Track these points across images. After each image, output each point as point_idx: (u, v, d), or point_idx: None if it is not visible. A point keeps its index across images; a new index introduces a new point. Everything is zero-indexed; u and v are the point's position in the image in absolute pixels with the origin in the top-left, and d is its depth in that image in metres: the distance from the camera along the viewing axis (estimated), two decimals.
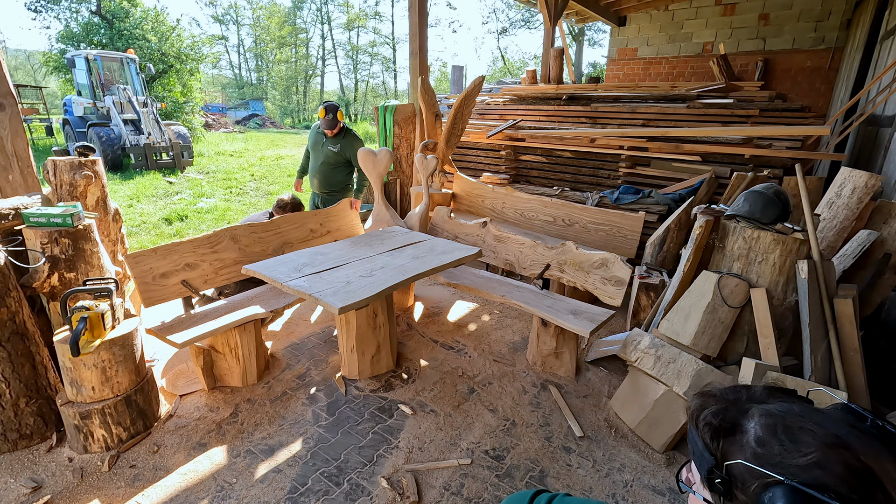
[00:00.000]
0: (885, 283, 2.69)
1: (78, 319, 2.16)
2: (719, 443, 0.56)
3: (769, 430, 0.52)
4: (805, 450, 0.49)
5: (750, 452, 0.52)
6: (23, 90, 17.06)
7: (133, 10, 16.71)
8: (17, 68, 34.65)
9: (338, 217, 3.99)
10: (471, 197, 4.89)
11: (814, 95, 7.89)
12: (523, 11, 28.03)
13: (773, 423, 0.52)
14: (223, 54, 34.75)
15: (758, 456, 0.51)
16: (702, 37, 8.75)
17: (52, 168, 2.85)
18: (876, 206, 2.85)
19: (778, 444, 0.50)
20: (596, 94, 5.42)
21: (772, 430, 0.52)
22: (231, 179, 9.62)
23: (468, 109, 4.76)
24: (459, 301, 4.18)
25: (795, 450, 0.49)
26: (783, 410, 0.54)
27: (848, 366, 2.29)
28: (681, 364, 2.38)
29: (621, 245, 3.92)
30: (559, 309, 2.99)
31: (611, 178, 4.73)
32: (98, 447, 2.30)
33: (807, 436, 0.50)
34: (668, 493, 2.17)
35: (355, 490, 2.13)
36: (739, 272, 2.46)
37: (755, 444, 0.52)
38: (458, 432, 2.52)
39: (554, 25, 7.39)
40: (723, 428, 0.56)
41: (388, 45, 34.71)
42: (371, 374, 2.99)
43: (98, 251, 2.63)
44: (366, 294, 2.29)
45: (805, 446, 0.49)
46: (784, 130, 3.94)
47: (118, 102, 11.28)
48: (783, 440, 0.50)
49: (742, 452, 0.53)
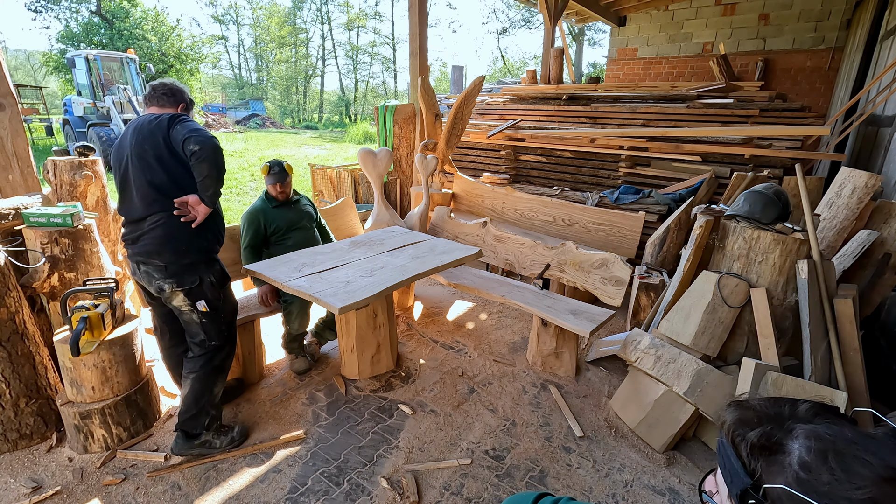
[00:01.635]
0: (885, 283, 2.69)
1: (78, 319, 2.15)
2: (758, 462, 0.52)
3: (818, 456, 0.48)
4: (859, 482, 0.45)
5: (792, 477, 0.48)
6: (23, 90, 17.05)
7: (133, 10, 16.73)
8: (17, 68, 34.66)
9: (338, 217, 3.99)
10: (471, 197, 4.89)
11: (814, 95, 7.89)
12: (523, 11, 28.04)
13: (822, 448, 0.48)
14: (223, 54, 34.80)
15: (801, 482, 0.47)
16: (702, 37, 8.75)
17: (52, 168, 2.85)
18: (876, 206, 2.85)
19: (828, 473, 0.46)
20: (596, 94, 5.42)
21: (821, 456, 0.47)
22: (231, 179, 9.61)
23: (468, 109, 4.76)
24: (459, 301, 4.18)
25: (847, 481, 0.45)
26: (833, 434, 0.49)
27: (848, 366, 2.29)
28: (681, 364, 2.38)
29: (621, 245, 3.92)
30: (559, 309, 2.99)
31: (611, 178, 4.73)
32: (98, 447, 2.30)
33: (861, 466, 0.45)
34: (668, 493, 2.17)
35: (355, 490, 2.13)
36: (739, 272, 2.46)
37: (799, 469, 0.48)
38: (458, 432, 2.52)
39: (554, 25, 7.39)
40: (763, 447, 0.52)
41: (388, 45, 34.73)
42: (371, 374, 2.99)
43: (98, 251, 2.63)
44: (366, 294, 2.29)
45: (859, 479, 0.45)
46: (784, 130, 3.94)
47: (118, 102, 11.29)
48: (833, 468, 0.46)
49: (783, 476, 0.49)
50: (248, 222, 2.96)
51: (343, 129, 24.79)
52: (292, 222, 3.06)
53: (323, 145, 16.72)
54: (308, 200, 3.26)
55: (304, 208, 3.18)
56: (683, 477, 2.26)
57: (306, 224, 3.16)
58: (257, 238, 2.99)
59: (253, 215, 2.96)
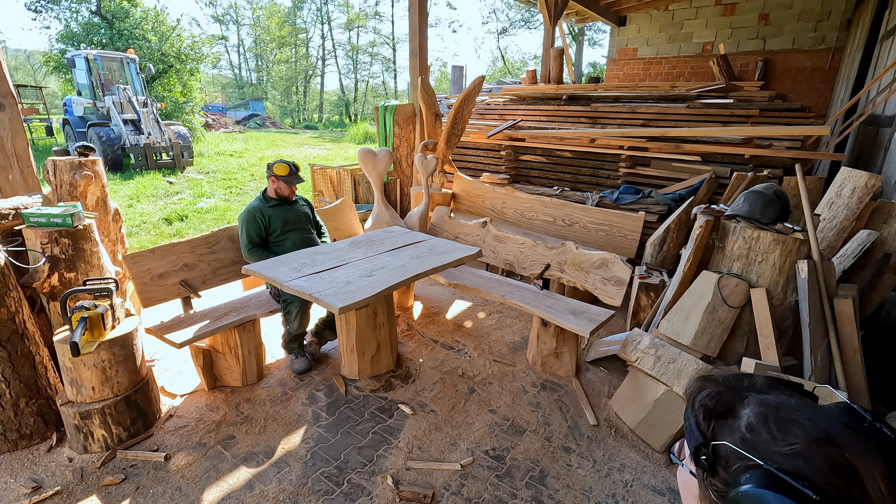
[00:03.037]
0: (885, 283, 2.69)
1: (78, 319, 2.16)
2: (711, 424, 0.58)
3: (760, 419, 0.54)
4: (791, 440, 0.50)
5: (738, 437, 0.54)
6: (23, 90, 17.06)
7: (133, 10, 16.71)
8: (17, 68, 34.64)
9: (337, 217, 3.99)
10: (471, 197, 4.89)
11: (814, 95, 7.89)
12: (523, 11, 28.03)
13: (765, 413, 0.54)
14: (223, 54, 34.76)
15: (745, 440, 0.53)
16: (702, 37, 8.75)
17: (52, 168, 2.85)
18: (876, 206, 2.85)
19: (766, 433, 0.52)
20: (596, 94, 5.42)
21: (763, 419, 0.54)
22: (231, 179, 9.62)
23: (468, 109, 4.76)
24: (459, 301, 4.18)
25: (782, 439, 0.51)
26: (779, 402, 0.55)
27: (848, 366, 2.29)
28: (681, 364, 2.38)
29: (621, 245, 3.92)
30: (559, 309, 2.99)
31: (611, 178, 4.73)
32: (98, 447, 2.30)
33: (796, 428, 0.51)
34: (668, 493, 2.17)
35: (355, 490, 2.13)
36: (739, 272, 2.46)
37: (745, 430, 0.54)
38: (458, 432, 2.52)
39: (554, 25, 7.39)
40: (716, 411, 0.59)
41: (388, 45, 34.72)
42: (371, 374, 2.99)
43: (98, 251, 2.63)
44: (366, 294, 2.29)
45: (792, 437, 0.51)
46: (784, 130, 3.94)
47: (118, 102, 11.29)
48: (772, 429, 0.52)
49: (731, 436, 0.55)
50: (248, 221, 2.96)
51: (343, 129, 24.79)
52: (290, 223, 3.07)
53: (323, 145, 16.73)
54: (305, 201, 3.27)
55: (302, 209, 3.18)
56: None
57: (304, 225, 3.16)
58: (259, 237, 2.99)
59: (252, 214, 2.97)
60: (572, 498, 2.13)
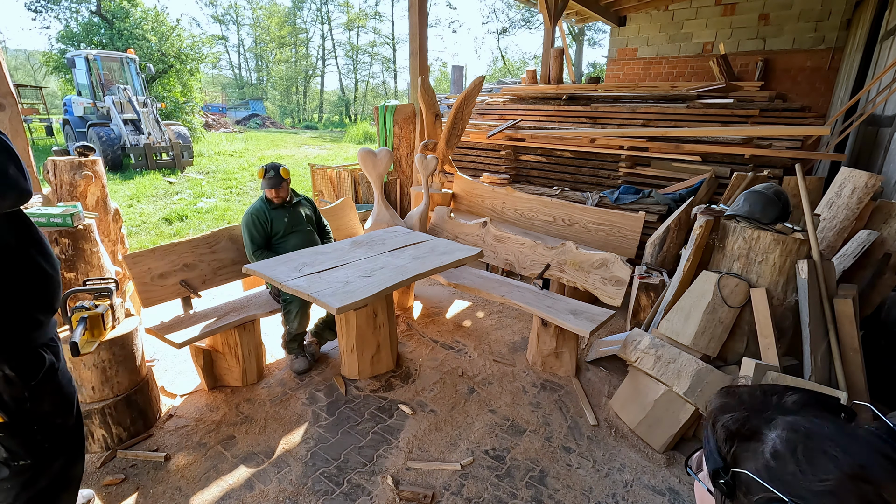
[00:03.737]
0: (885, 283, 2.69)
1: (78, 319, 2.15)
2: (732, 447, 0.54)
3: (788, 446, 0.49)
4: (822, 476, 0.46)
5: (762, 464, 0.50)
6: (23, 90, 17.06)
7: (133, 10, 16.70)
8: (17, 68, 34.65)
9: (338, 217, 3.99)
10: (471, 197, 4.89)
11: (814, 95, 7.89)
12: (523, 11, 28.04)
13: (794, 440, 0.49)
14: (223, 54, 34.77)
15: (769, 469, 0.49)
16: (702, 37, 8.75)
17: (52, 168, 2.85)
18: (876, 206, 2.85)
19: (794, 464, 0.48)
20: (596, 94, 5.42)
21: (791, 447, 0.49)
22: (231, 179, 9.62)
23: (468, 109, 4.76)
24: (459, 301, 4.18)
25: (811, 473, 0.46)
26: (810, 428, 0.50)
27: (848, 366, 2.29)
28: (681, 364, 2.38)
29: (621, 245, 3.92)
30: (559, 309, 2.99)
31: (611, 178, 4.73)
32: (98, 447, 2.30)
33: (828, 461, 0.46)
34: (668, 493, 2.17)
35: (355, 490, 2.13)
36: (739, 272, 2.46)
37: (770, 457, 0.50)
38: (458, 432, 2.52)
39: (554, 25, 7.39)
40: (739, 433, 0.54)
41: (388, 45, 34.73)
42: (371, 374, 2.99)
43: (98, 251, 2.63)
44: (364, 294, 2.29)
45: (822, 472, 0.46)
46: (784, 130, 3.94)
47: (118, 102, 11.29)
48: (800, 460, 0.48)
49: (754, 462, 0.51)
50: (250, 223, 2.96)
51: (343, 129, 24.80)
52: (291, 225, 3.06)
53: (323, 145, 16.73)
54: (307, 201, 3.26)
55: (303, 210, 3.17)
56: (683, 477, 2.26)
57: (305, 226, 3.15)
58: (262, 239, 3.00)
59: (253, 216, 2.97)
60: (572, 498, 2.13)
